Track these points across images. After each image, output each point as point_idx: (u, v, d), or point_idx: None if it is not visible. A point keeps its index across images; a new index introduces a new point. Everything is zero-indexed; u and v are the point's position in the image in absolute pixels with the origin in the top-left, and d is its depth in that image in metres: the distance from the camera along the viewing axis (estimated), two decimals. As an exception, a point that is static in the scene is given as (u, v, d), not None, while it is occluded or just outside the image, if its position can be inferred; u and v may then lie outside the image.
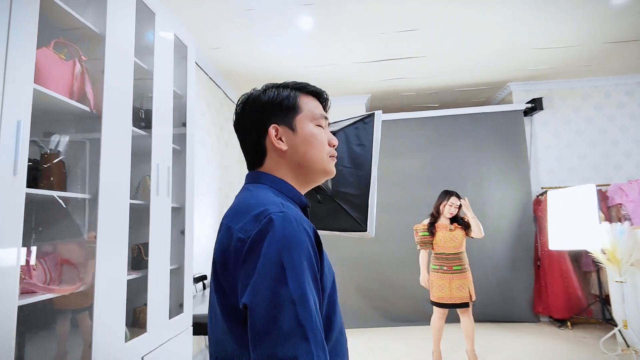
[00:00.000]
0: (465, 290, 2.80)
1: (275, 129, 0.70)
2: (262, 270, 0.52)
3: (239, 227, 0.58)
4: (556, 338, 3.50)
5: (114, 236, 1.43)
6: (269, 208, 0.58)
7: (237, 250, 0.56)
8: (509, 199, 4.28)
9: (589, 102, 4.44)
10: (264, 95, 0.72)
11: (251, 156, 0.74)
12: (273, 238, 0.53)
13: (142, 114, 1.88)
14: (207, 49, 3.31)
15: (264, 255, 0.53)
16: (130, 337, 1.54)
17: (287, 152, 0.70)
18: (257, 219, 0.57)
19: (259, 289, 0.51)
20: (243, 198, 0.66)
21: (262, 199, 0.62)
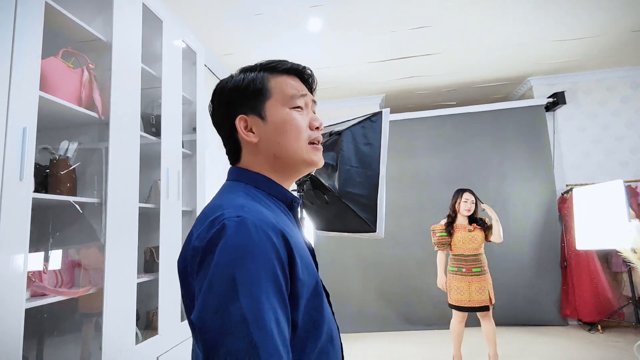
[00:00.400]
0: (485, 294, 2.71)
1: (244, 120, 0.63)
2: (210, 284, 0.46)
3: (196, 234, 0.52)
4: (586, 342, 3.32)
5: (123, 240, 1.45)
6: (225, 212, 0.51)
7: (192, 260, 0.50)
8: (532, 197, 4.12)
9: (615, 94, 4.23)
10: (230, 82, 0.64)
11: (228, 152, 0.68)
12: (224, 247, 0.47)
13: (152, 120, 1.92)
14: (220, 55, 3.36)
15: (214, 267, 0.46)
16: (143, 339, 1.56)
17: (260, 145, 0.63)
18: (211, 225, 0.51)
19: (206, 306, 0.45)
20: (212, 200, 0.61)
21: (225, 200, 0.57)
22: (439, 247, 2.90)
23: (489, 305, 2.71)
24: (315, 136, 0.66)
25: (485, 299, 2.70)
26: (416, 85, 4.39)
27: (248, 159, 0.65)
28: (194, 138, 2.18)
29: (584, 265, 3.78)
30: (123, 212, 1.47)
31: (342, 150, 1.68)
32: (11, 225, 1.00)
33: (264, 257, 0.48)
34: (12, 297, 0.98)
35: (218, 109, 0.66)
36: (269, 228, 0.51)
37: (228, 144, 0.67)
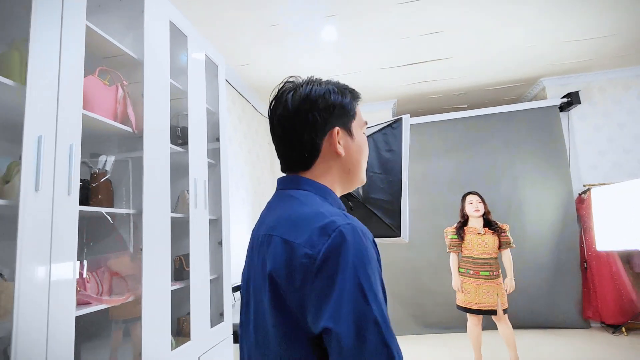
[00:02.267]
0: (493, 297, 2.70)
1: (338, 132, 0.67)
2: (341, 290, 0.48)
3: (302, 241, 0.53)
4: (610, 345, 3.27)
5: (157, 249, 1.51)
6: (335, 220, 0.53)
7: (304, 267, 0.51)
8: (548, 198, 4.09)
9: (630, 92, 4.20)
10: (329, 94, 0.67)
11: (298, 156, 0.66)
12: (347, 254, 0.50)
13: (178, 132, 1.98)
14: (236, 66, 3.44)
15: (342, 273, 0.49)
16: (176, 345, 1.60)
17: (343, 158, 0.68)
18: (324, 232, 0.52)
19: (341, 312, 0.48)
20: (292, 207, 0.61)
21: (319, 207, 0.58)
22: (450, 249, 2.92)
23: (497, 310, 2.70)
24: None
25: (493, 302, 2.69)
26: (427, 90, 4.42)
27: (322, 167, 0.67)
28: (217, 147, 2.24)
29: (605, 266, 3.73)
30: (157, 221, 1.52)
31: (365, 157, 1.72)
32: (62, 237, 1.05)
33: (375, 261, 0.53)
34: (64, 304, 1.03)
35: (311, 112, 0.65)
36: (369, 234, 0.56)
37: (303, 148, 0.66)
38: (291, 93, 0.67)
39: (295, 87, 0.68)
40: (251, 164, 4.03)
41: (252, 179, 3.99)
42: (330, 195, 0.66)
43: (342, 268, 0.49)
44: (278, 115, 0.67)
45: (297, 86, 0.68)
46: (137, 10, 1.57)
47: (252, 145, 4.11)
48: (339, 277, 0.49)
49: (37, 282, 0.96)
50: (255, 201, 4.02)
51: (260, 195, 4.23)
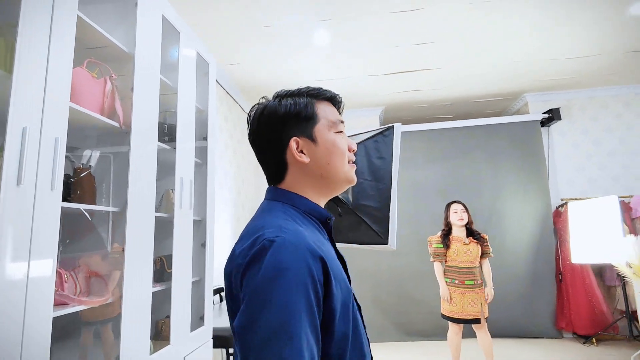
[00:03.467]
0: (477, 306, 2.75)
1: (296, 142, 0.67)
2: (249, 300, 0.51)
3: (239, 251, 0.58)
4: (581, 355, 3.38)
5: (140, 249, 1.46)
6: (265, 232, 0.56)
7: (236, 275, 0.56)
8: (527, 211, 4.20)
9: (607, 111, 4.37)
10: (280, 107, 0.68)
11: (271, 171, 0.70)
12: (263, 266, 0.52)
13: (165, 129, 1.93)
14: (225, 65, 3.40)
15: (253, 284, 0.52)
16: (154, 349, 1.55)
17: (310, 165, 0.68)
18: (253, 243, 0.56)
19: (242, 320, 0.51)
20: (253, 219, 0.66)
21: (266, 221, 0.61)
22: (434, 258, 2.95)
23: (481, 318, 2.75)
24: (351, 157, 0.74)
25: (477, 311, 2.74)
26: (415, 99, 4.48)
27: (293, 179, 0.69)
28: (204, 147, 2.20)
29: (579, 278, 3.85)
30: (141, 220, 1.48)
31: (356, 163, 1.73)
32: (42, 233, 1.00)
33: (298, 277, 0.51)
34: (41, 304, 0.99)
35: (266, 132, 0.69)
36: (305, 249, 0.55)
37: (272, 165, 0.70)
38: (253, 116, 0.71)
39: (257, 109, 0.72)
40: (236, 165, 3.98)
41: (236, 180, 3.95)
42: (302, 203, 0.68)
43: (256, 278, 0.52)
44: (250, 138, 0.72)
45: (259, 107, 0.72)
46: (130, 2, 1.53)
47: (237, 146, 4.06)
48: (250, 287, 0.52)
49: (15, 279, 0.91)
50: (238, 202, 3.97)
51: (244, 196, 4.18)
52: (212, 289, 2.12)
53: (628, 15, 2.88)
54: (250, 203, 4.39)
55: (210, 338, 2.02)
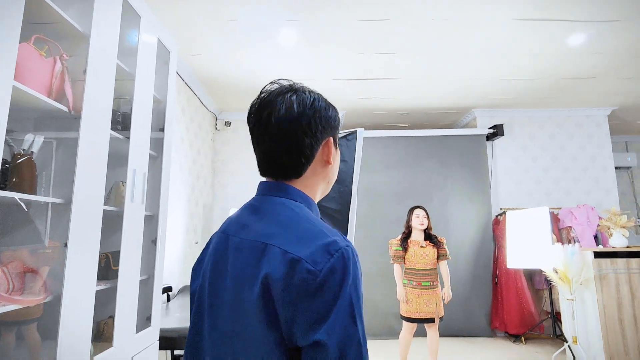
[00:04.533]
0: (432, 306, 2.89)
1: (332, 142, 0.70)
2: (338, 310, 0.52)
3: (305, 256, 0.54)
4: (511, 353, 3.67)
5: (85, 244, 1.36)
6: (337, 240, 0.56)
7: (304, 282, 0.52)
8: (471, 218, 4.49)
9: (543, 131, 4.81)
10: (329, 108, 0.70)
11: (294, 159, 0.65)
12: (348, 276, 0.53)
13: (118, 117, 1.82)
14: (186, 55, 3.26)
15: (342, 294, 0.53)
16: (95, 352, 1.45)
17: (330, 167, 0.71)
18: (327, 251, 0.54)
19: (335, 328, 0.51)
20: (291, 218, 0.61)
21: (318, 224, 0.60)
22: (394, 261, 3.05)
23: (435, 318, 2.90)
24: None
25: (432, 311, 2.89)
26: (375, 106, 4.61)
27: (311, 175, 0.68)
28: (160, 138, 2.09)
29: (512, 282, 4.19)
30: (87, 214, 1.37)
31: (318, 165, 1.75)
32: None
33: (361, 283, 0.58)
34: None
35: (313, 121, 0.65)
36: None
37: (300, 154, 0.65)
38: (294, 96, 0.66)
39: (294, 91, 0.67)
40: (192, 159, 3.83)
41: (190, 175, 3.80)
42: (315, 208, 0.68)
43: (343, 289, 0.53)
44: (278, 116, 0.64)
45: (296, 90, 0.67)
46: (88, -22, 1.42)
47: (194, 139, 3.92)
48: (339, 298, 0.53)
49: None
50: (192, 199, 3.82)
51: (198, 193, 4.04)
52: (162, 288, 2.02)
53: (565, 46, 3.19)
54: (205, 200, 4.25)
55: (157, 339, 1.93)
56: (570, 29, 2.94)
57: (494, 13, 2.75)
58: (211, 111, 4.49)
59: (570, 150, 4.75)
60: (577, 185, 4.67)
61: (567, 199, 4.61)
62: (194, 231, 3.88)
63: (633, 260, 3.17)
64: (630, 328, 3.04)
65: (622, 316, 3.06)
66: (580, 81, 3.93)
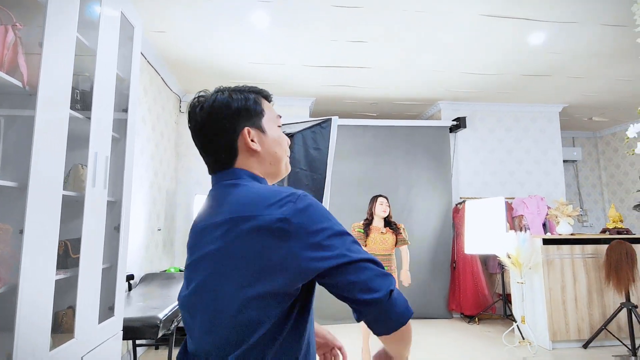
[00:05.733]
0: None
1: (249, 131, 0.74)
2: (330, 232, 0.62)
3: (268, 212, 0.62)
4: (466, 332, 3.91)
5: (43, 231, 1.27)
6: (293, 190, 0.66)
7: (280, 230, 0.60)
8: (433, 206, 4.68)
9: (501, 124, 5.06)
10: (232, 100, 0.75)
11: (221, 157, 0.75)
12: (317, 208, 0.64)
13: (77, 95, 1.69)
14: (150, 31, 3.07)
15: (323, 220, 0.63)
16: (54, 344, 1.37)
17: (260, 153, 0.76)
18: (289, 200, 0.63)
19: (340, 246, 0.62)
20: (247, 191, 0.69)
21: (271, 188, 0.69)
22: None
23: None
24: (288, 151, 0.84)
25: None
26: (345, 94, 4.62)
27: (243, 164, 0.75)
28: (123, 119, 1.98)
29: (468, 266, 4.44)
30: (45, 198, 1.28)
31: (293, 152, 1.73)
32: None
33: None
34: None
35: (220, 121, 0.73)
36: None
37: (224, 151, 0.74)
38: (199, 108, 0.75)
39: (203, 101, 0.75)
40: (154, 142, 3.66)
41: (153, 159, 3.63)
42: (264, 181, 0.77)
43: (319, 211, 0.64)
44: (193, 127, 0.75)
45: (205, 99, 0.75)
46: (44, -60, 1.29)
47: (156, 121, 3.74)
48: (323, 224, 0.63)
49: None
50: (154, 184, 3.67)
51: (161, 178, 3.88)
52: (125, 276, 1.94)
53: (527, 44, 3.35)
54: (168, 185, 4.10)
55: (121, 330, 1.86)
56: (532, 27, 3.09)
57: (462, 8, 2.82)
58: (175, 92, 4.29)
59: (525, 143, 5.05)
60: (529, 176, 4.99)
61: (520, 190, 4.92)
62: (156, 217, 3.74)
63: (576, 246, 3.46)
64: (572, 308, 3.34)
65: (564, 297, 3.35)
66: (537, 78, 4.16)
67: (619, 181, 6.00)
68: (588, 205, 6.17)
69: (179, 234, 4.38)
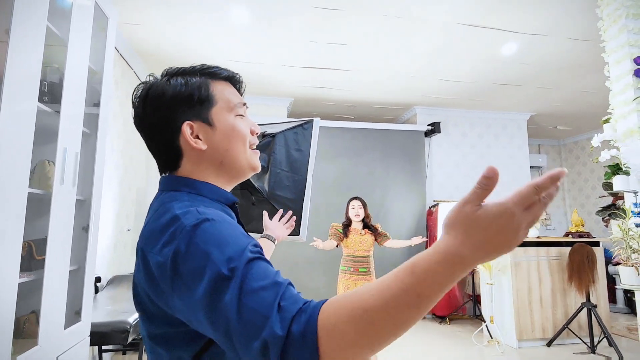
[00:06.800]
0: None
1: (190, 127, 0.60)
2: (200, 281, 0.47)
3: (156, 249, 0.50)
4: (437, 333, 4.00)
5: (5, 231, 1.18)
6: (178, 214, 0.52)
7: (160, 274, 0.49)
8: (408, 208, 4.77)
9: (474, 130, 5.23)
10: (168, 87, 0.61)
11: (163, 159, 0.63)
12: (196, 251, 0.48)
13: (45, 87, 1.60)
14: (123, 23, 2.95)
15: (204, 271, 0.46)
16: (15, 351, 1.28)
17: (207, 151, 0.61)
18: (173, 236, 0.50)
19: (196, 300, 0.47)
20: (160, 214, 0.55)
21: (176, 209, 0.54)
22: (330, 237, 3.10)
23: None
24: (254, 141, 0.68)
25: None
26: (323, 95, 4.63)
27: (189, 166, 0.62)
28: (94, 114, 1.89)
29: (441, 268, 4.54)
30: (9, 197, 1.19)
31: (274, 153, 1.70)
32: None
33: (224, 222, 0.52)
34: None
35: (154, 114, 0.60)
36: (213, 211, 0.55)
37: (165, 152, 0.62)
38: (137, 96, 0.63)
39: (141, 88, 0.63)
40: (125, 138, 3.52)
41: (124, 156, 3.49)
42: (208, 189, 0.62)
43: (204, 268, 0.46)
44: (135, 122, 0.63)
45: (144, 87, 0.63)
46: None
47: (128, 116, 3.59)
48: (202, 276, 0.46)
49: None
50: (124, 182, 3.52)
51: (132, 176, 3.73)
52: (93, 279, 1.85)
53: (500, 54, 3.48)
54: (138, 183, 3.95)
55: (88, 335, 1.77)
56: (505, 38, 3.21)
57: (440, 16, 2.89)
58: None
59: (495, 149, 5.25)
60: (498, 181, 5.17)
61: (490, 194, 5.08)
62: (125, 217, 3.59)
63: (542, 249, 3.63)
64: (537, 308, 3.49)
65: (531, 298, 3.50)
66: (508, 87, 4.33)
67: (579, 187, 6.34)
68: (551, 209, 6.48)
69: (149, 234, 4.22)
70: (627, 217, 2.10)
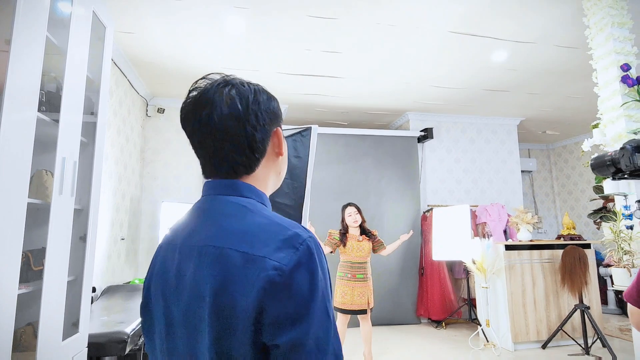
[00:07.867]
0: (364, 298, 3.04)
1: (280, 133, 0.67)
2: (314, 306, 0.50)
3: (266, 253, 0.51)
4: (434, 337, 4.02)
5: (5, 241, 1.17)
6: (299, 232, 0.54)
7: (269, 280, 0.49)
8: (402, 213, 4.80)
9: (465, 135, 5.31)
10: (272, 100, 0.67)
11: (246, 156, 0.61)
12: (316, 269, 0.52)
13: (43, 96, 1.59)
14: (118, 32, 2.95)
15: (315, 289, 0.51)
16: (14, 365, 1.26)
17: (281, 158, 0.68)
18: (291, 245, 0.52)
19: (312, 326, 0.50)
20: (244, 216, 0.57)
21: (273, 218, 0.57)
22: (326, 243, 3.12)
23: (367, 309, 3.05)
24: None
25: (364, 302, 3.03)
26: (317, 102, 4.66)
27: (264, 170, 0.64)
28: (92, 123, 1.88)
29: (435, 272, 4.58)
30: (9, 207, 1.18)
31: (274, 160, 1.73)
32: None
33: (328, 274, 0.57)
34: None
35: (260, 113, 0.62)
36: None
37: (249, 154, 0.61)
38: (233, 91, 0.61)
39: (232, 85, 0.62)
40: (119, 147, 3.50)
41: (117, 165, 3.47)
42: (268, 202, 0.65)
43: (315, 285, 0.51)
44: (221, 114, 0.59)
45: (233, 84, 0.62)
46: None
47: (122, 125, 3.58)
48: (313, 293, 0.51)
49: None
50: (118, 191, 3.49)
51: (125, 184, 3.70)
52: (91, 290, 1.82)
53: (490, 61, 3.56)
54: (132, 192, 3.92)
55: (85, 347, 1.74)
56: (495, 46, 3.28)
57: (432, 24, 2.95)
58: (142, 96, 4.14)
59: (487, 154, 5.33)
60: (490, 185, 5.26)
61: (482, 198, 5.16)
62: (119, 226, 3.55)
63: (535, 252, 3.68)
64: (531, 310, 3.53)
65: (525, 300, 3.54)
66: (498, 93, 4.41)
67: (569, 190, 6.46)
68: (542, 212, 6.59)
69: (143, 244, 4.18)
70: (618, 220, 2.15)
